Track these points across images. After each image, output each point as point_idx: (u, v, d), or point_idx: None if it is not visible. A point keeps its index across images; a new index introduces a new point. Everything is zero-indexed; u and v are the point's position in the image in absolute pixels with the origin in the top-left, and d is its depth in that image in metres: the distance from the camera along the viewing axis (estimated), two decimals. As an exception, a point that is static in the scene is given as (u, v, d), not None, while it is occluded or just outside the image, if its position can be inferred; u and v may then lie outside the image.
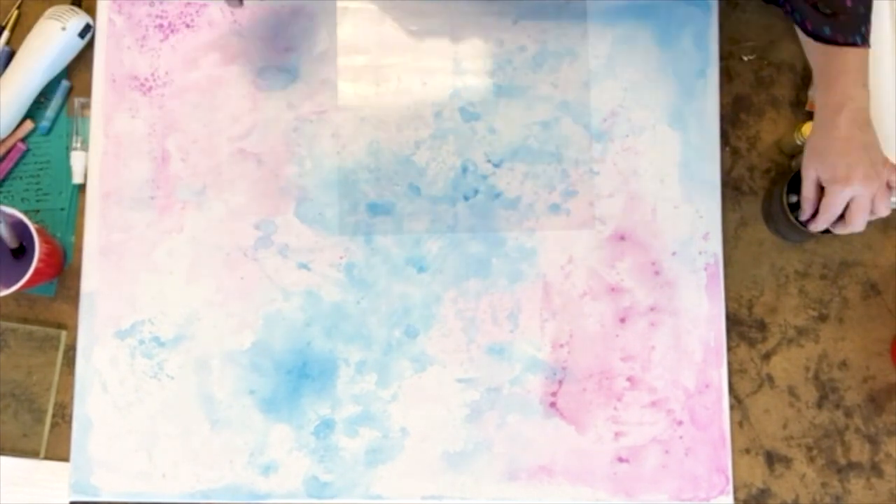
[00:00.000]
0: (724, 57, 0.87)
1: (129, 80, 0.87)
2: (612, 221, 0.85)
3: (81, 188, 0.86)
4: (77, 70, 0.88)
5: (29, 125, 0.87)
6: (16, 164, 0.87)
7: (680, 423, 0.82)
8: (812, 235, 0.80)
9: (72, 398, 0.83)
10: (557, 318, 0.83)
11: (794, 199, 0.81)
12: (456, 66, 0.86)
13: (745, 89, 0.87)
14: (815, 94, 0.74)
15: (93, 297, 0.84)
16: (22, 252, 0.81)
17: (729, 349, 0.83)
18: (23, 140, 0.87)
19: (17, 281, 0.77)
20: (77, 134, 0.86)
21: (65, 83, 0.87)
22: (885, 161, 0.71)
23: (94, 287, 0.84)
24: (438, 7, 0.87)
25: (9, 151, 0.86)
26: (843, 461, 0.82)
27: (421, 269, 0.84)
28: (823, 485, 0.82)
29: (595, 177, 0.85)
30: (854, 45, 0.70)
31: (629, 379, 0.83)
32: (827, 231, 0.80)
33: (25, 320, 0.85)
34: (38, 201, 0.86)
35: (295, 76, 0.87)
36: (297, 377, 0.83)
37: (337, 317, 0.84)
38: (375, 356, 0.83)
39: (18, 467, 0.83)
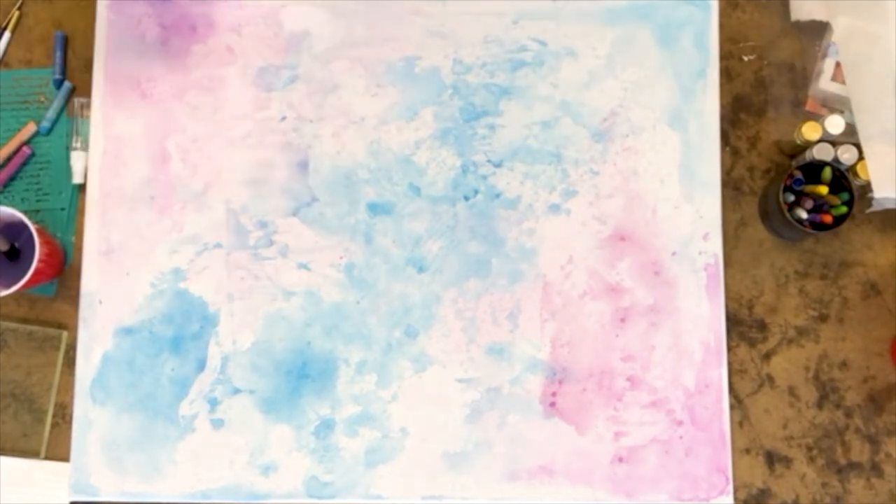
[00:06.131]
0: (724, 57, 0.87)
1: (128, 80, 0.87)
2: (612, 221, 0.85)
3: (81, 188, 0.86)
4: (77, 70, 0.88)
5: (32, 128, 0.87)
6: (19, 168, 0.87)
7: (680, 423, 0.82)
8: (808, 234, 0.80)
9: (72, 398, 0.83)
10: (557, 318, 0.83)
11: (790, 197, 0.81)
12: (456, 66, 0.86)
13: (745, 89, 0.87)
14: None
15: (93, 297, 0.84)
16: (15, 255, 0.81)
17: (729, 349, 0.83)
18: (27, 143, 0.87)
19: (15, 282, 0.77)
20: (77, 134, 0.86)
21: (67, 84, 0.87)
22: None
23: (94, 287, 0.84)
24: (438, 6, 0.87)
25: (13, 155, 0.86)
26: (843, 461, 0.82)
27: (421, 269, 0.84)
28: (823, 485, 0.82)
29: (595, 177, 0.85)
30: None
31: (629, 379, 0.83)
32: (823, 228, 0.80)
33: (25, 320, 0.85)
34: (38, 201, 0.86)
35: (295, 76, 0.87)
36: (297, 377, 0.83)
37: (337, 317, 0.84)
38: (375, 356, 0.83)
39: (18, 467, 0.83)
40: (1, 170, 0.86)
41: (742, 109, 0.87)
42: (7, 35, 0.88)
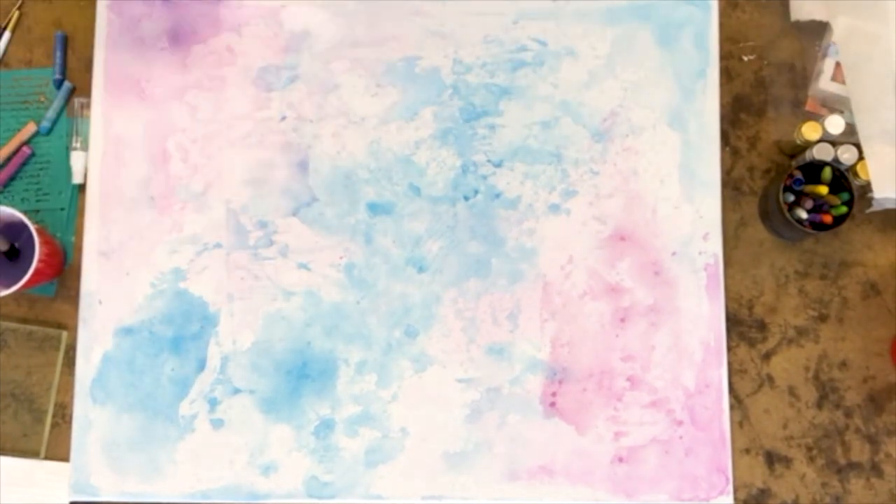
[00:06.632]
0: (724, 57, 0.87)
1: (128, 80, 0.87)
2: (612, 221, 0.85)
3: (81, 188, 0.86)
4: (77, 70, 0.88)
5: (32, 128, 0.87)
6: (19, 168, 0.87)
7: (680, 423, 0.82)
8: (808, 234, 0.80)
9: (72, 398, 0.83)
10: (557, 318, 0.83)
11: (790, 197, 0.81)
12: (456, 66, 0.86)
13: (745, 89, 0.87)
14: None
15: (92, 297, 0.84)
16: (15, 255, 0.81)
17: (729, 349, 0.83)
18: (27, 143, 0.87)
19: (15, 282, 0.77)
20: (77, 134, 0.86)
21: (67, 84, 0.87)
22: None
23: (94, 287, 0.84)
24: (438, 6, 0.87)
25: (13, 155, 0.86)
26: (843, 461, 0.82)
27: (421, 269, 0.84)
28: (823, 485, 0.82)
29: (595, 177, 0.85)
30: None
31: (629, 379, 0.83)
32: (823, 228, 0.80)
33: (25, 320, 0.85)
34: (38, 201, 0.86)
35: (295, 76, 0.87)
36: (297, 377, 0.83)
37: (337, 317, 0.84)
38: (375, 356, 0.83)
39: (18, 467, 0.83)
40: (1, 170, 0.86)
41: (742, 109, 0.87)
42: (7, 35, 0.88)
